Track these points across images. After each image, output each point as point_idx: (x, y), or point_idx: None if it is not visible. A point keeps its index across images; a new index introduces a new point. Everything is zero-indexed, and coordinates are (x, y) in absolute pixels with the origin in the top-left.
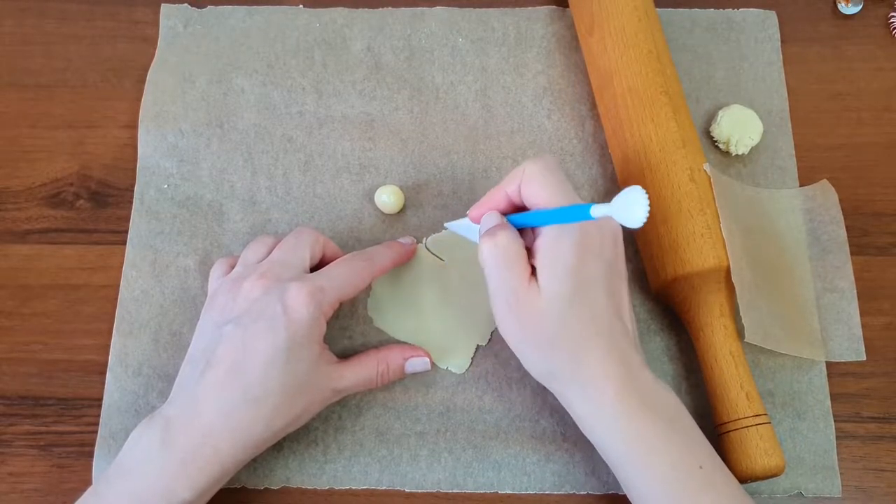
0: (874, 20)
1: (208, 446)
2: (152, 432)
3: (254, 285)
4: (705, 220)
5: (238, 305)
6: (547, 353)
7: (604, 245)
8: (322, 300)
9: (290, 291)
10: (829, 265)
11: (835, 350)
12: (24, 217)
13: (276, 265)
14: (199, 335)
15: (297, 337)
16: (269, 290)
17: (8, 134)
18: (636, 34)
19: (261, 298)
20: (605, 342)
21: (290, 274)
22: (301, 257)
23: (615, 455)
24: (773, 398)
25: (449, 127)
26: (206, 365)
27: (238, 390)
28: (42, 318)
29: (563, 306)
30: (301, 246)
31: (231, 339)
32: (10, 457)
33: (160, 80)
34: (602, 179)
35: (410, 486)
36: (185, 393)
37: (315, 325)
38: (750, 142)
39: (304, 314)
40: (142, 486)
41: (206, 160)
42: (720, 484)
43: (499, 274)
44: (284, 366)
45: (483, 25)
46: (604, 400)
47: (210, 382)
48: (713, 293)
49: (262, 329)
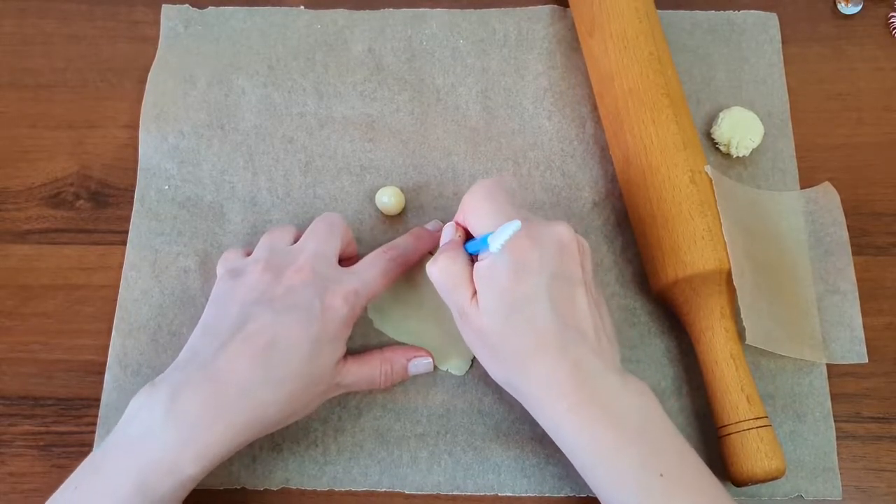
0: (874, 20)
1: (222, 420)
2: (155, 402)
3: (296, 275)
4: (706, 223)
5: (276, 290)
6: (498, 366)
7: (543, 258)
8: (356, 303)
9: (330, 291)
10: (831, 267)
11: (836, 352)
12: (24, 217)
13: (316, 258)
14: (220, 308)
15: (328, 333)
16: (310, 283)
17: (8, 134)
18: (637, 36)
19: (301, 290)
20: (553, 354)
21: (327, 268)
22: (334, 248)
23: (577, 462)
24: (773, 400)
25: (450, 128)
26: (229, 338)
27: (262, 369)
28: (42, 318)
29: (500, 324)
30: (334, 237)
31: (263, 319)
32: (9, 457)
33: (161, 82)
34: (603, 180)
35: (410, 488)
36: (198, 362)
37: (345, 325)
38: (751, 143)
39: (339, 315)
40: (145, 460)
41: (207, 161)
42: (681, 494)
43: (444, 294)
44: (310, 356)
45: (484, 27)
46: (557, 410)
47: (233, 355)
48: (714, 295)
49: (297, 318)
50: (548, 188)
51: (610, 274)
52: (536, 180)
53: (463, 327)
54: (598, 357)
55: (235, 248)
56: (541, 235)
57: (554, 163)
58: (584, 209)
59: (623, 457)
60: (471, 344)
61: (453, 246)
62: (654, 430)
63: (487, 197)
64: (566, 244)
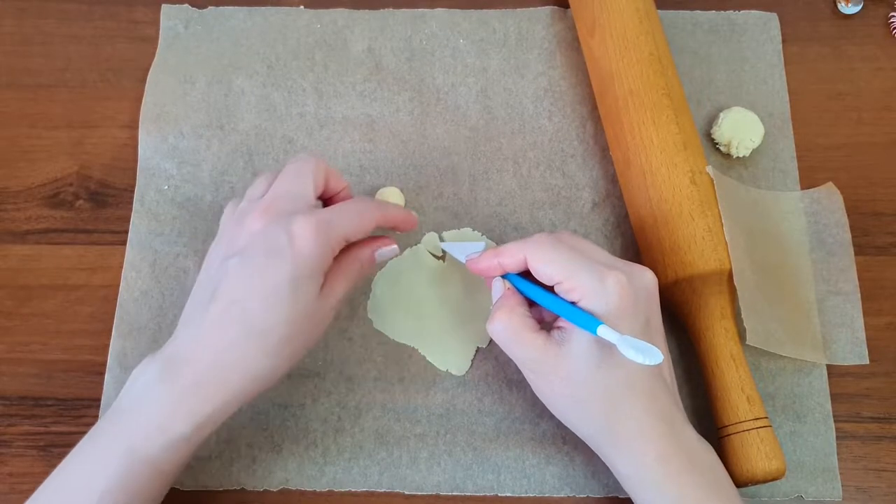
0: (874, 20)
1: (214, 378)
2: (152, 368)
3: (257, 218)
4: (706, 223)
5: (242, 239)
6: (582, 415)
7: (637, 305)
8: (329, 234)
9: (297, 223)
10: (833, 268)
11: (838, 353)
12: (24, 217)
13: (280, 198)
14: (204, 271)
15: (303, 269)
16: (274, 221)
17: (8, 134)
18: (637, 36)
19: (265, 230)
20: (644, 402)
21: (294, 206)
22: (304, 186)
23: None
24: (773, 401)
25: (450, 128)
26: (211, 299)
27: (243, 323)
28: (41, 318)
29: (594, 368)
30: (303, 174)
31: (235, 273)
32: (9, 457)
33: (160, 82)
34: (603, 181)
35: (410, 489)
36: (188, 328)
37: (321, 258)
38: (751, 144)
39: (311, 246)
40: (138, 422)
41: (207, 161)
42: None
43: (510, 349)
44: (290, 298)
45: (484, 27)
46: (645, 461)
47: (215, 316)
48: (714, 296)
49: (267, 262)
50: (548, 188)
51: None
52: (536, 180)
53: (536, 381)
54: (677, 408)
55: (234, 202)
56: (635, 280)
57: (554, 163)
58: (584, 209)
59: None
60: (549, 393)
61: (510, 297)
62: (726, 484)
63: (552, 246)
64: (653, 291)
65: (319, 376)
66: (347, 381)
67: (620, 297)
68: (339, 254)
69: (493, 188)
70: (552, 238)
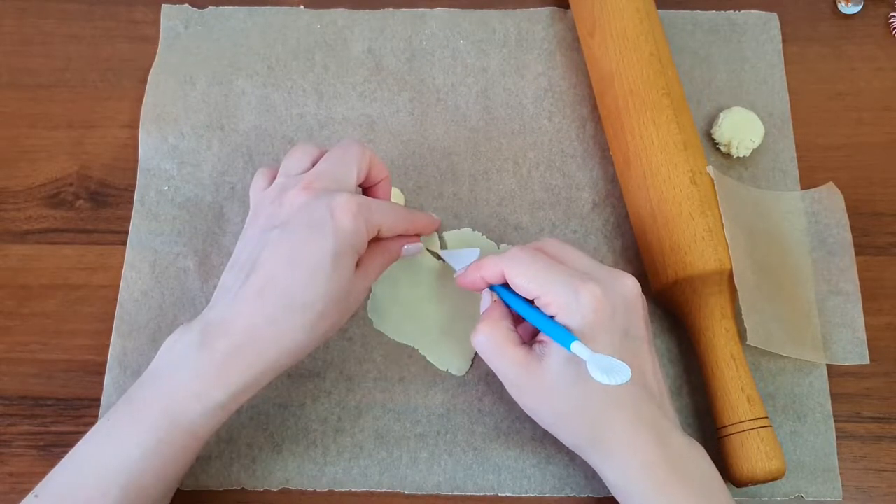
0: (874, 20)
1: (252, 349)
2: (189, 336)
3: (299, 193)
4: (706, 223)
5: (284, 212)
6: (566, 428)
7: (615, 314)
8: (369, 216)
9: (339, 199)
10: (833, 268)
11: (838, 353)
12: (24, 217)
13: (323, 177)
14: (244, 242)
15: (343, 245)
16: (318, 198)
17: (8, 134)
18: (637, 36)
19: (308, 204)
20: (627, 412)
21: (336, 187)
22: (348, 172)
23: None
24: (773, 401)
25: (450, 128)
26: (251, 269)
27: (284, 297)
28: (41, 318)
29: (572, 383)
30: (349, 161)
31: (277, 245)
32: (9, 457)
33: (161, 82)
34: (603, 181)
35: (410, 489)
36: (227, 298)
37: (360, 236)
38: (751, 144)
39: (351, 223)
40: (174, 387)
41: (207, 162)
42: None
43: (492, 362)
44: (331, 273)
45: (484, 27)
46: (631, 470)
47: (255, 287)
48: (714, 296)
49: (309, 235)
50: (548, 188)
51: None
52: (536, 180)
53: (518, 393)
54: (663, 413)
55: (263, 171)
56: (612, 290)
57: (554, 163)
58: (584, 209)
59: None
60: (532, 406)
61: (495, 310)
62: (717, 488)
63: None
64: (633, 300)
65: (319, 376)
66: (347, 381)
67: (595, 310)
68: (370, 244)
69: (493, 188)
70: (530, 251)
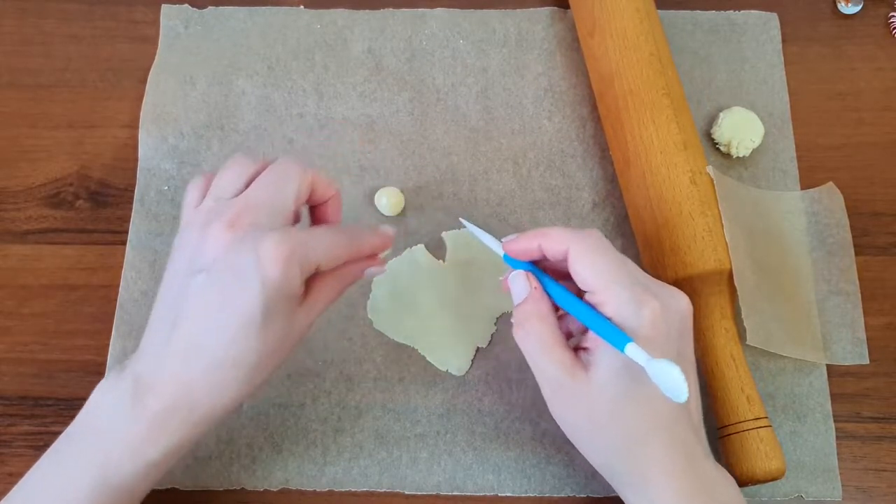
0: (874, 20)
1: (184, 407)
2: (120, 390)
3: (224, 232)
4: (706, 223)
5: (208, 253)
6: (598, 444)
7: (670, 333)
8: (303, 258)
9: (266, 245)
10: (833, 268)
11: (838, 353)
12: (24, 217)
13: (254, 208)
14: (167, 282)
15: (274, 296)
16: (241, 239)
17: (8, 134)
18: (637, 36)
19: (233, 248)
20: (667, 436)
21: (267, 220)
22: (284, 199)
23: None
24: (773, 401)
25: (450, 128)
26: (176, 319)
27: (212, 355)
28: (41, 318)
29: (617, 400)
30: (285, 185)
31: (201, 296)
32: (9, 457)
33: (161, 82)
34: (603, 181)
35: (410, 489)
36: (155, 348)
37: (292, 282)
38: (751, 144)
39: (280, 272)
40: (107, 446)
41: (207, 162)
42: None
43: (536, 362)
44: (262, 326)
45: (484, 27)
46: (664, 498)
47: (181, 343)
48: (714, 296)
49: (234, 286)
50: (548, 188)
51: None
52: (536, 180)
53: (553, 400)
54: (699, 440)
55: (195, 184)
56: (669, 308)
57: (554, 163)
58: (584, 209)
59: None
60: (565, 415)
61: (541, 302)
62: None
63: (604, 250)
64: (687, 318)
65: (319, 376)
66: (347, 381)
67: (653, 326)
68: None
69: (493, 188)
70: (604, 240)
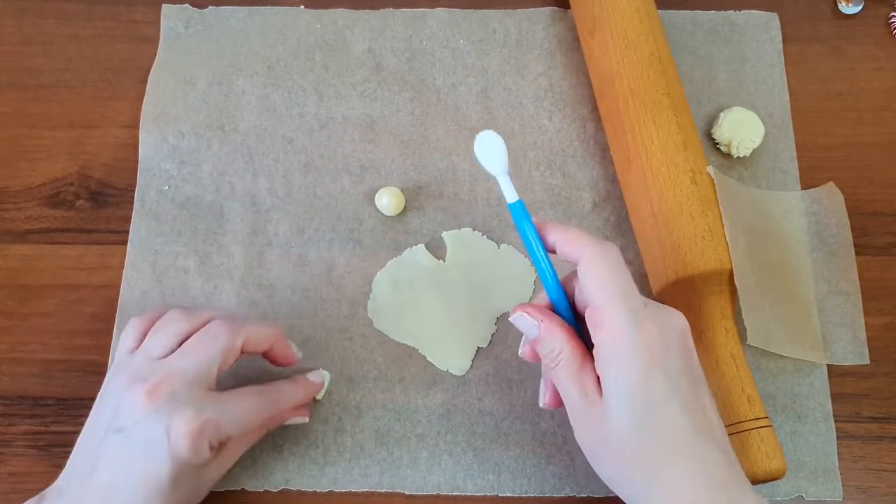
0: (874, 20)
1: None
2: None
3: (143, 398)
4: (707, 223)
5: (125, 415)
6: (619, 475)
7: (669, 352)
8: (213, 436)
9: (178, 421)
10: (833, 268)
11: (838, 353)
12: (24, 217)
13: (174, 377)
14: (90, 428)
15: (182, 469)
16: (156, 411)
17: (8, 134)
18: (638, 36)
19: (148, 418)
20: (690, 465)
21: (187, 391)
22: (208, 367)
23: None
24: (774, 401)
25: (450, 128)
26: (94, 467)
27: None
28: (42, 318)
29: (630, 427)
30: (210, 351)
31: (116, 455)
32: (9, 457)
33: (161, 82)
34: (603, 181)
35: (410, 489)
36: (73, 490)
37: (201, 455)
38: (751, 144)
39: (189, 449)
40: None
41: (207, 162)
42: None
43: (561, 387)
44: (170, 491)
45: (484, 27)
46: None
47: (98, 489)
48: (715, 295)
49: (145, 455)
50: (548, 188)
51: None
52: (536, 180)
53: (575, 425)
54: (730, 464)
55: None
56: (665, 325)
57: (554, 163)
58: (584, 209)
59: None
60: (586, 443)
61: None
62: None
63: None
64: (686, 335)
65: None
66: (347, 381)
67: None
68: None
69: (493, 188)
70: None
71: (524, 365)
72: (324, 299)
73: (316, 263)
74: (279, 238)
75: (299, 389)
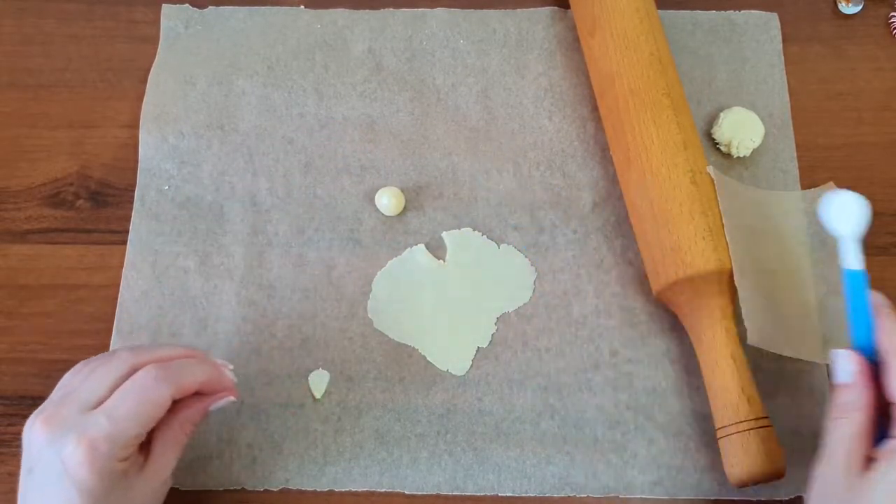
0: (874, 20)
1: None
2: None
3: (42, 430)
4: (707, 223)
5: (30, 455)
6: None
7: None
8: (109, 452)
9: (68, 447)
10: (833, 268)
11: None
12: (24, 217)
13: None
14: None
15: (95, 492)
16: (54, 440)
17: (8, 134)
18: (638, 36)
19: (46, 450)
20: None
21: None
22: (137, 430)
23: None
24: (774, 401)
25: (450, 128)
26: None
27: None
28: (42, 318)
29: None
30: (142, 411)
31: (31, 491)
32: (9, 457)
33: (161, 82)
34: (603, 181)
35: (410, 489)
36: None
37: (106, 477)
38: (751, 144)
39: (88, 474)
40: None
41: (207, 162)
42: None
43: (830, 440)
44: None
45: (484, 27)
46: None
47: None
48: (714, 296)
49: (55, 490)
50: (548, 188)
51: (610, 274)
52: (536, 180)
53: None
54: None
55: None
56: None
57: (554, 163)
58: (584, 209)
59: None
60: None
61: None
62: None
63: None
64: None
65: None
66: (347, 380)
67: None
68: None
69: (493, 188)
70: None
71: (524, 365)
72: (324, 299)
73: (316, 263)
74: (279, 238)
75: (203, 366)
